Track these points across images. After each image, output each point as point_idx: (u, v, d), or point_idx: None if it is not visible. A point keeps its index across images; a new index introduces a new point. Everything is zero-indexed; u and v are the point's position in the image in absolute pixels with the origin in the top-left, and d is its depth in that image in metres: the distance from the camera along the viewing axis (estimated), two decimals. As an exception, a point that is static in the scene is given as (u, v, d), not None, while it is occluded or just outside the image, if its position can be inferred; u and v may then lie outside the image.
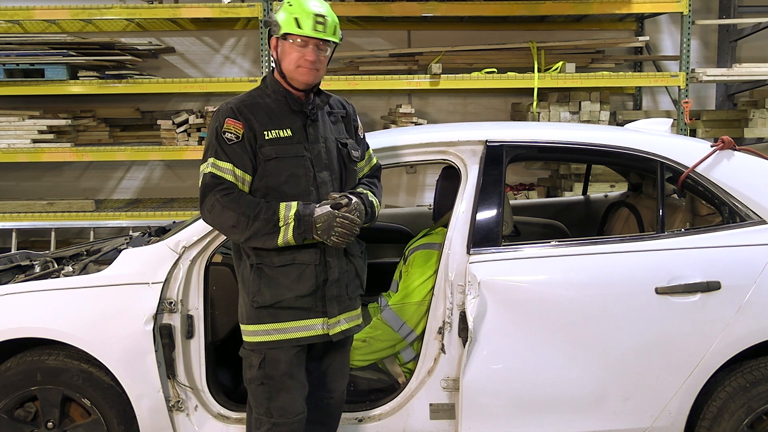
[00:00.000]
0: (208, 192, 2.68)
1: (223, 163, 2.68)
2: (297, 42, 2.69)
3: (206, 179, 2.69)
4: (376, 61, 6.62)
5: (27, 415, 3.16)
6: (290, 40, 2.70)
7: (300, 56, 2.69)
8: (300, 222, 2.64)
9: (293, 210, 2.65)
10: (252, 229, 2.63)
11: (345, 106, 2.98)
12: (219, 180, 2.67)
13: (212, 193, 2.67)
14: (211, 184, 2.68)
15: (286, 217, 2.64)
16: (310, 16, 2.67)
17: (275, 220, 2.64)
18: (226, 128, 2.69)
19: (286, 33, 2.68)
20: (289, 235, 2.64)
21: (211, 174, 2.68)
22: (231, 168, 2.68)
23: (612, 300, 2.98)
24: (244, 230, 2.64)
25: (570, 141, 3.30)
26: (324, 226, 2.64)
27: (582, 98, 6.28)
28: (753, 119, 6.26)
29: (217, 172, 2.68)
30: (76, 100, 6.79)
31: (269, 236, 2.65)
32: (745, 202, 3.08)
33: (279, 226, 2.64)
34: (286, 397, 2.74)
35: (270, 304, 2.70)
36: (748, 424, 3.00)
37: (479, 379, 2.99)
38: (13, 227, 6.17)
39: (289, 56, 2.71)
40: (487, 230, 3.09)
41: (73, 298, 3.09)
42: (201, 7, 6.12)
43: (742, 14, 7.04)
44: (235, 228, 2.66)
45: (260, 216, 2.64)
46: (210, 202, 2.68)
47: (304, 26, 2.67)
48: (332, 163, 2.82)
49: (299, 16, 2.67)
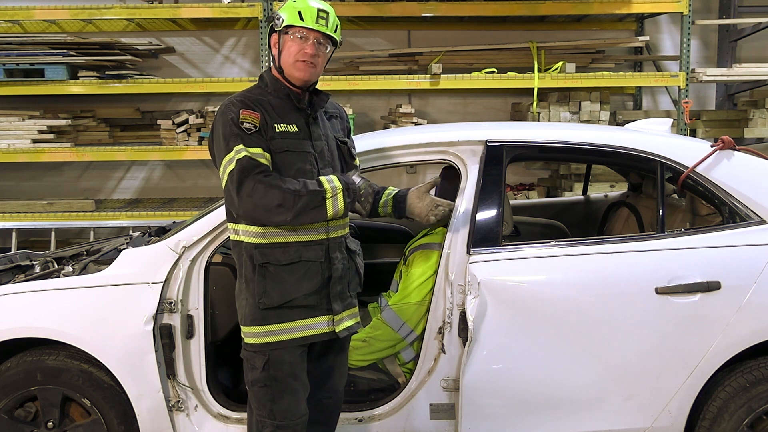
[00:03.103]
0: (246, 176, 2.60)
1: (254, 148, 2.63)
2: (297, 35, 2.70)
3: (242, 164, 2.60)
4: (376, 61, 6.63)
5: (27, 415, 3.16)
6: (291, 34, 2.71)
7: (299, 49, 2.70)
8: (348, 191, 2.71)
9: (336, 181, 2.70)
10: (300, 204, 2.61)
11: (338, 107, 3.01)
12: (255, 163, 2.61)
13: (251, 177, 2.60)
14: (249, 167, 2.60)
15: (334, 188, 2.67)
16: (313, 10, 2.70)
17: (323, 192, 2.65)
18: (243, 118, 2.65)
19: (288, 25, 2.70)
20: (339, 205, 2.68)
21: (248, 158, 2.61)
22: (261, 152, 2.64)
23: (612, 300, 2.98)
24: (291, 207, 2.61)
25: (570, 141, 3.30)
26: (365, 193, 2.79)
27: (582, 98, 6.28)
28: (753, 119, 6.26)
29: (253, 156, 2.62)
30: (76, 100, 6.80)
31: (317, 209, 2.65)
32: (745, 202, 3.08)
33: (326, 198, 2.65)
34: (290, 399, 2.72)
35: (278, 305, 2.69)
36: (748, 424, 2.99)
37: (479, 379, 2.99)
38: (13, 227, 6.17)
39: (288, 49, 2.72)
40: (487, 230, 3.09)
41: (73, 298, 3.09)
42: (201, 7, 6.12)
43: (742, 14, 7.04)
44: (282, 207, 2.60)
45: (307, 189, 2.63)
46: (250, 186, 2.60)
47: (307, 19, 2.69)
48: (334, 161, 2.83)
49: (302, 9, 2.70)
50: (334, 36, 2.75)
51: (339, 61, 6.68)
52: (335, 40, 2.78)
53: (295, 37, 2.71)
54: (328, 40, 2.75)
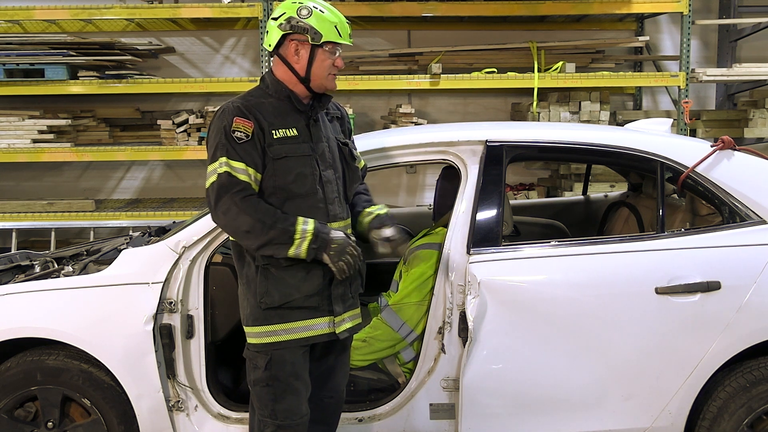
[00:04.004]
0: (224, 194, 2.63)
1: (237, 162, 2.64)
2: (332, 51, 2.75)
3: (221, 179, 2.63)
4: (376, 61, 6.62)
5: (27, 415, 3.16)
6: (326, 47, 2.73)
7: (332, 63, 2.76)
8: (317, 238, 2.64)
9: (311, 225, 2.65)
10: (267, 237, 2.61)
11: (339, 108, 3.01)
12: (235, 180, 2.63)
13: (229, 195, 2.62)
14: (227, 185, 2.62)
15: (304, 231, 2.64)
16: (346, 27, 2.77)
17: (291, 232, 2.63)
18: (235, 127, 2.65)
19: (326, 41, 2.72)
20: (303, 248, 2.63)
21: (227, 174, 2.62)
22: (244, 167, 2.64)
23: (612, 300, 2.98)
24: (258, 237, 2.62)
25: (570, 141, 3.30)
26: (338, 249, 2.66)
27: (582, 98, 6.28)
28: (753, 119, 6.26)
29: (232, 172, 2.63)
30: (76, 100, 6.79)
31: (282, 246, 2.63)
32: (745, 202, 3.08)
33: (294, 239, 2.62)
34: (292, 399, 2.73)
35: (279, 305, 2.70)
36: (748, 424, 3.00)
37: (479, 379, 2.99)
38: (13, 227, 6.17)
39: (323, 63, 2.74)
40: (487, 230, 3.09)
41: (73, 298, 3.09)
42: (201, 7, 6.12)
43: (742, 14, 7.04)
44: (249, 234, 2.63)
45: (277, 225, 2.62)
46: (226, 205, 2.63)
47: (344, 35, 2.76)
48: (335, 162, 2.83)
49: (338, 24, 2.75)
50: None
51: (339, 61, 6.68)
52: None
53: (329, 50, 2.74)
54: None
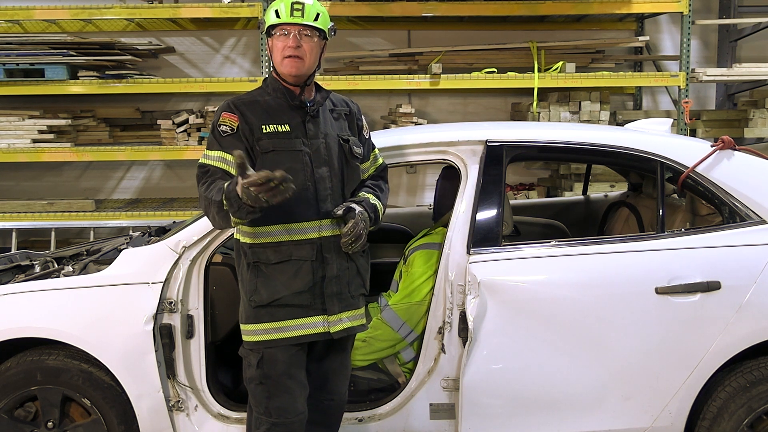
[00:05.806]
0: (198, 182, 2.71)
1: (213, 152, 2.71)
2: (279, 33, 2.73)
3: (198, 170, 2.73)
4: (376, 61, 6.62)
5: (27, 415, 3.16)
6: (274, 34, 2.75)
7: (284, 46, 2.72)
8: (230, 201, 2.49)
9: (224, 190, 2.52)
10: (212, 213, 2.64)
11: (349, 104, 2.97)
12: (204, 169, 2.70)
13: (199, 185, 2.70)
14: (200, 174, 2.72)
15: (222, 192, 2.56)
16: (287, 4, 2.72)
17: (219, 202, 2.55)
18: (221, 121, 2.73)
19: (270, 26, 2.75)
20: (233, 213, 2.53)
21: (201, 164, 2.72)
22: (220, 155, 2.69)
23: (612, 300, 2.98)
24: (211, 216, 2.66)
25: (570, 141, 3.30)
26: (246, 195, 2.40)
27: (582, 98, 6.28)
28: (753, 119, 6.26)
29: (204, 160, 2.71)
30: (76, 100, 6.79)
31: (227, 217, 2.57)
32: (745, 202, 3.08)
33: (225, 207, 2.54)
34: (285, 397, 2.73)
35: (267, 303, 2.70)
36: (748, 424, 3.00)
37: (479, 379, 2.99)
38: (13, 227, 6.17)
39: (275, 49, 2.75)
40: (487, 230, 3.09)
41: (73, 298, 3.09)
42: (201, 7, 6.12)
43: (742, 14, 7.04)
44: (207, 214, 2.69)
45: (212, 198, 2.59)
46: (198, 193, 2.72)
47: (282, 15, 2.72)
48: (332, 160, 2.81)
49: (278, 6, 2.74)
50: (315, 25, 2.74)
51: (339, 61, 6.69)
52: (322, 31, 2.77)
53: (278, 35, 2.74)
54: (314, 31, 2.74)
